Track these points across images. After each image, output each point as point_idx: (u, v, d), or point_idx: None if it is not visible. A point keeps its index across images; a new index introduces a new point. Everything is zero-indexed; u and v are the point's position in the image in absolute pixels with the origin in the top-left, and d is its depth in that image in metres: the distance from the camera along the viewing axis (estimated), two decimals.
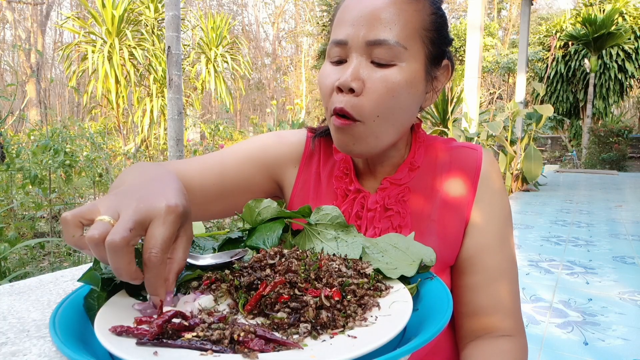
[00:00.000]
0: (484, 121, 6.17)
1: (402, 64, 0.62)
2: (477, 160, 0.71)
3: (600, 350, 1.95)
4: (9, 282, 0.67)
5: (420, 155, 0.72)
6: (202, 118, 10.41)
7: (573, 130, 14.34)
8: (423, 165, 0.72)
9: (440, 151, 0.73)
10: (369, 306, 0.43)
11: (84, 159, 4.45)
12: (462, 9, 24.53)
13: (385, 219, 0.69)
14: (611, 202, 6.26)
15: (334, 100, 0.63)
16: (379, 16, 0.61)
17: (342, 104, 0.62)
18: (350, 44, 0.62)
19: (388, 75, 0.61)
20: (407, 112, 0.65)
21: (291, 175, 0.78)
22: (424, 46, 0.64)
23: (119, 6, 7.98)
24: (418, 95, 0.65)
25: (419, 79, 0.64)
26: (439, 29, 0.66)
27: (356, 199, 0.72)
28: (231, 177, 0.74)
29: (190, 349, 0.36)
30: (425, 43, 0.64)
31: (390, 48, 0.60)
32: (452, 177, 0.71)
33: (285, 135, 0.80)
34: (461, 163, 0.71)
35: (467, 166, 0.71)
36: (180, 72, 2.90)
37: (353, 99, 0.61)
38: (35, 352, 0.45)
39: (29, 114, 12.21)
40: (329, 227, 0.57)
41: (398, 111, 0.63)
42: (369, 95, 0.61)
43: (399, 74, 0.61)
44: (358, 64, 0.61)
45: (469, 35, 5.54)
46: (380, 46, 0.61)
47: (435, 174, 0.72)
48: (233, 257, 0.52)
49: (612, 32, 12.12)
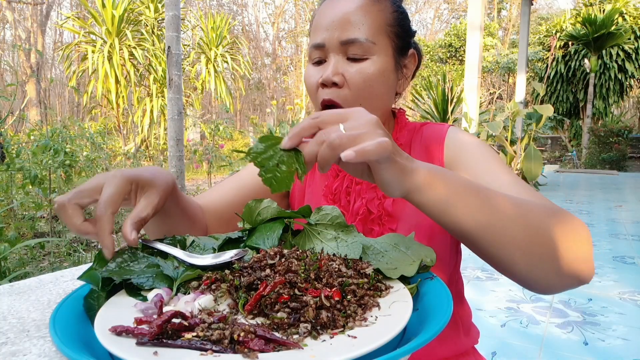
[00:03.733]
0: (484, 121, 6.17)
1: (373, 57, 0.72)
2: (443, 131, 0.79)
3: (600, 350, 1.95)
4: (9, 282, 0.67)
5: (403, 135, 0.81)
6: (202, 118, 10.41)
7: (573, 130, 14.34)
8: (404, 144, 0.81)
9: (416, 132, 0.82)
10: (369, 306, 0.43)
11: (84, 159, 4.45)
12: (462, 9, 24.54)
13: (371, 189, 0.77)
14: (611, 202, 6.25)
15: (321, 94, 0.73)
16: (349, 19, 0.71)
17: (328, 95, 0.72)
18: (327, 45, 0.72)
19: (363, 68, 0.71)
20: (383, 97, 0.75)
21: None
22: (390, 40, 0.74)
23: (119, 6, 7.98)
24: (391, 82, 0.76)
25: (390, 68, 0.74)
26: (401, 24, 0.76)
27: (345, 176, 0.80)
28: (248, 187, 0.83)
29: (190, 349, 0.36)
30: (391, 37, 0.74)
31: (362, 44, 0.71)
32: (424, 151, 0.79)
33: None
34: (430, 137, 0.80)
35: (434, 138, 0.79)
36: (180, 72, 2.90)
37: (337, 91, 0.72)
38: (35, 352, 0.45)
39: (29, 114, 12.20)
40: (329, 227, 0.57)
41: (376, 97, 0.74)
42: (350, 86, 0.72)
43: (372, 65, 0.72)
44: (336, 61, 0.72)
45: (469, 35, 5.54)
46: (353, 44, 0.71)
47: (413, 150, 0.80)
48: (233, 257, 0.52)
49: (612, 32, 12.10)
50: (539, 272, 0.54)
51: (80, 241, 3.52)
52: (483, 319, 2.27)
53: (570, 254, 0.53)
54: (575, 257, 0.54)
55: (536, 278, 0.54)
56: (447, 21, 25.92)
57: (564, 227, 0.54)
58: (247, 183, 0.83)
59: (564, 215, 0.56)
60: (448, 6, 26.24)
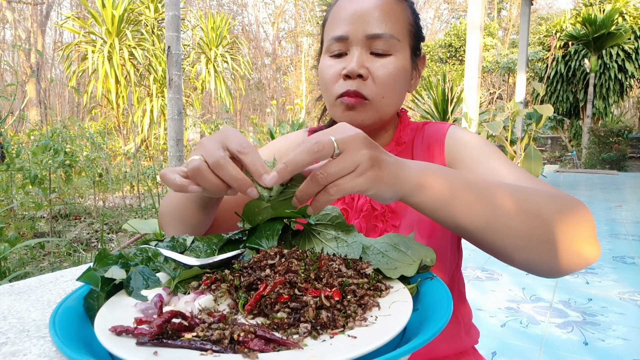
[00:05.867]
0: (484, 121, 6.17)
1: (396, 53, 0.73)
2: (444, 129, 0.80)
3: (600, 350, 1.95)
4: (9, 282, 0.67)
5: (406, 133, 0.82)
6: (202, 118, 10.41)
7: (573, 130, 14.33)
8: (407, 142, 0.81)
9: (418, 131, 0.83)
10: (369, 306, 0.43)
11: (84, 159, 4.45)
12: (462, 9, 24.53)
13: None
14: (611, 202, 6.25)
15: (342, 86, 0.73)
16: (375, 14, 0.71)
17: (353, 86, 0.72)
18: (351, 38, 0.72)
19: (387, 64, 0.72)
20: (401, 94, 0.77)
21: None
22: (409, 39, 0.76)
23: (119, 6, 7.98)
24: (408, 80, 0.77)
25: (408, 67, 0.76)
26: (418, 26, 0.78)
27: None
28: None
29: (190, 349, 0.36)
30: (411, 37, 0.76)
31: (387, 40, 0.71)
32: (425, 149, 0.80)
33: (290, 135, 0.90)
34: (431, 136, 0.80)
35: (435, 137, 0.80)
36: (180, 72, 2.90)
37: (362, 83, 0.72)
38: (35, 352, 0.45)
39: (29, 114, 12.20)
40: (329, 227, 0.57)
41: (396, 93, 0.75)
42: (375, 79, 0.72)
43: (396, 61, 0.73)
44: (360, 54, 0.72)
45: (469, 35, 5.54)
46: (379, 39, 0.71)
47: (415, 148, 0.81)
48: (233, 257, 0.52)
49: (612, 32, 12.10)
50: (540, 256, 0.54)
51: (80, 241, 3.52)
52: (483, 319, 2.27)
53: (571, 235, 0.53)
54: (577, 238, 0.54)
55: (538, 262, 0.55)
56: (447, 21, 25.93)
57: (564, 210, 0.54)
58: None
59: (564, 199, 0.56)
60: (448, 6, 26.24)
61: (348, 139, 0.46)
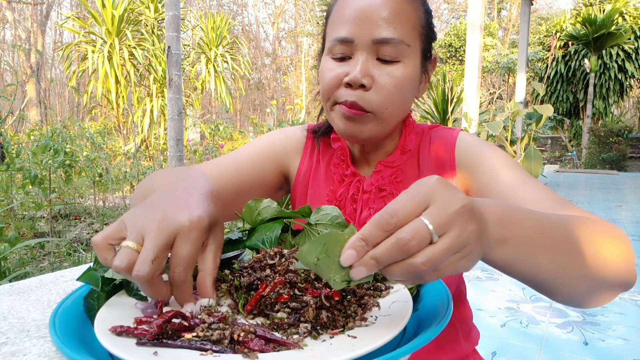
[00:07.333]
0: (484, 121, 6.17)
1: (405, 60, 0.66)
2: (454, 136, 0.75)
3: (600, 350, 1.95)
4: (9, 282, 0.67)
5: (411, 140, 0.77)
6: (202, 118, 10.41)
7: (573, 130, 14.33)
8: (413, 148, 0.77)
9: (425, 135, 0.78)
10: (369, 306, 0.43)
11: (84, 159, 4.45)
12: (462, 9, 24.53)
13: (380, 199, 0.73)
14: (611, 202, 6.25)
15: (342, 93, 0.67)
16: (383, 16, 0.64)
17: (353, 97, 0.66)
18: (357, 42, 0.65)
19: (394, 72, 0.66)
20: (408, 103, 0.71)
21: (295, 163, 0.83)
22: (420, 42, 0.69)
23: (119, 6, 7.97)
24: (416, 87, 0.71)
25: (417, 73, 0.70)
26: (430, 26, 0.72)
27: (352, 183, 0.76)
28: (246, 175, 0.77)
29: (190, 349, 0.36)
30: (422, 39, 0.70)
31: (396, 46, 0.65)
32: (432, 155, 0.75)
33: (288, 130, 0.86)
34: (439, 142, 0.76)
35: (444, 143, 0.75)
36: (180, 72, 2.90)
37: (364, 94, 0.66)
38: (35, 352, 0.45)
39: (29, 114, 12.21)
40: (329, 227, 0.57)
41: (402, 103, 0.69)
42: (378, 90, 0.66)
43: (404, 69, 0.66)
44: (365, 60, 0.65)
45: (469, 35, 5.54)
46: (387, 44, 0.65)
47: (421, 154, 0.76)
48: (233, 257, 0.52)
49: (612, 32, 12.10)
50: (596, 294, 0.50)
51: (80, 241, 3.52)
52: (483, 319, 2.27)
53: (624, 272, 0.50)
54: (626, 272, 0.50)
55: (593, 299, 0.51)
56: (447, 21, 25.92)
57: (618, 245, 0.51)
58: (244, 169, 0.77)
59: (611, 230, 0.52)
60: (448, 6, 26.24)
61: (451, 219, 0.35)
